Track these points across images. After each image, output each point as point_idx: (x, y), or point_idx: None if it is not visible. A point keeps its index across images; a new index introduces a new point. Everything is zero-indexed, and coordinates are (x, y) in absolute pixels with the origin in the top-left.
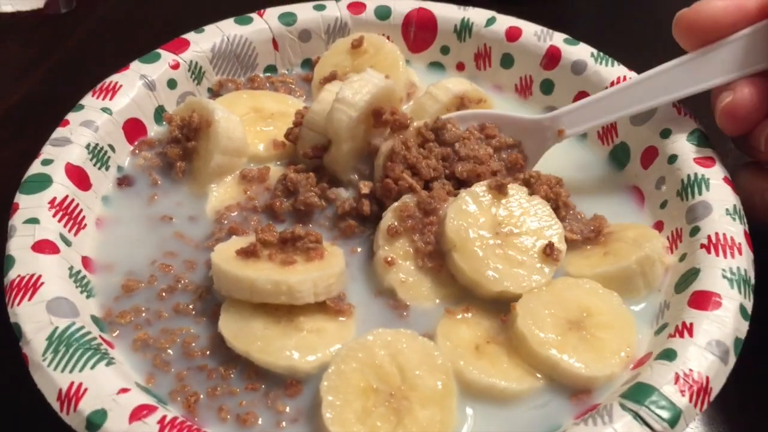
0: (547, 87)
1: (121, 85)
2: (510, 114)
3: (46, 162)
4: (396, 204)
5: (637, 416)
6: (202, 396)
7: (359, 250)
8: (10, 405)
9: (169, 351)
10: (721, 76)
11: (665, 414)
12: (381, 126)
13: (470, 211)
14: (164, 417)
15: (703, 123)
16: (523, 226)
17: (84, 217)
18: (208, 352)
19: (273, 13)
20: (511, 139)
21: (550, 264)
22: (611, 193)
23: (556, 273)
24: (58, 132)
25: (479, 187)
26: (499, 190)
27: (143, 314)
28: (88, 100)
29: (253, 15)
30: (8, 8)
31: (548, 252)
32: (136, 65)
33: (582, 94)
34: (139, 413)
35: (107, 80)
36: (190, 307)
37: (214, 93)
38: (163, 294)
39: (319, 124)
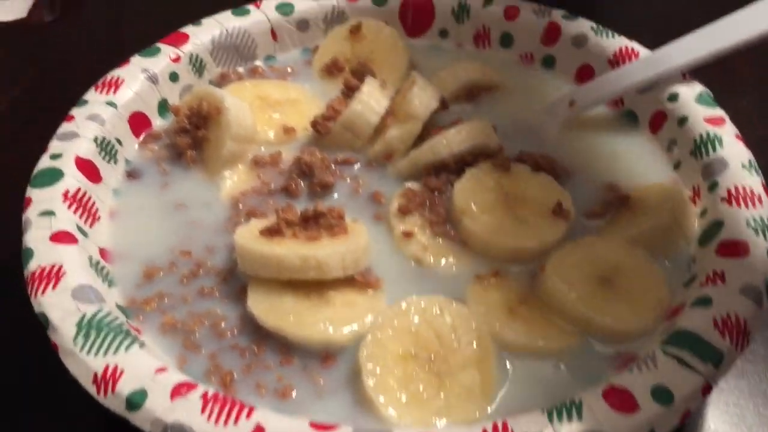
0: (549, 62)
1: (123, 79)
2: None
3: (55, 156)
4: (400, 190)
5: (681, 361)
6: (236, 374)
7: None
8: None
9: (198, 333)
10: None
11: (708, 356)
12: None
13: (477, 184)
14: (206, 392)
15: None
16: (529, 193)
17: (97, 209)
18: (236, 332)
19: (270, 4)
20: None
21: (561, 222)
22: (629, 154)
23: None
24: (64, 127)
25: (484, 165)
26: (503, 167)
27: (167, 300)
28: (92, 95)
29: (251, 7)
30: None
31: (557, 211)
32: (136, 59)
33: (584, 67)
34: (180, 390)
35: (108, 75)
36: (214, 289)
37: (216, 85)
38: (185, 279)
39: (356, 124)
